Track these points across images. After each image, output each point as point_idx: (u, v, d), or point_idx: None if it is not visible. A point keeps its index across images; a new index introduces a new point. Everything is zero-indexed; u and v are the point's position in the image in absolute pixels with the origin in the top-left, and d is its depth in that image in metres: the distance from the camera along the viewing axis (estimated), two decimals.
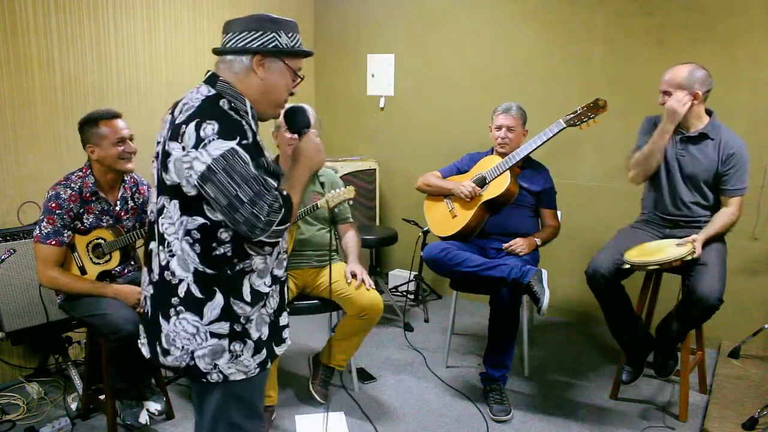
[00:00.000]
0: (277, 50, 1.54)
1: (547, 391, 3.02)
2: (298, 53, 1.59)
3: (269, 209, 1.45)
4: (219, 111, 1.48)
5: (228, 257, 1.52)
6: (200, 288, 1.53)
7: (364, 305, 2.65)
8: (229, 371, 1.57)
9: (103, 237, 2.47)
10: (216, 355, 1.56)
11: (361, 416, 2.75)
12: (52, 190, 2.40)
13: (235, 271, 1.54)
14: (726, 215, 2.62)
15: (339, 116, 4.72)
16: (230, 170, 1.42)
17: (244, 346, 1.58)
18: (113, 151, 2.41)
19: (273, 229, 1.48)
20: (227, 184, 1.42)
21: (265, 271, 1.60)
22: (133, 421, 2.52)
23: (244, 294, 1.56)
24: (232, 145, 1.42)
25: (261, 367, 1.63)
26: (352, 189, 2.72)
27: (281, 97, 1.60)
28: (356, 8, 4.51)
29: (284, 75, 1.58)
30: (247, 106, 1.55)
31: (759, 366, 3.12)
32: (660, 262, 2.50)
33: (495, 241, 3.02)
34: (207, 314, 1.54)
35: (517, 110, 3.04)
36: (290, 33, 1.56)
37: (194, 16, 3.69)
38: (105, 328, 2.30)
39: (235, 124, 1.46)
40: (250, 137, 1.47)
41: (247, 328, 1.58)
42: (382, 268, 4.60)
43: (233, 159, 1.42)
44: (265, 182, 1.46)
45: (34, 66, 2.95)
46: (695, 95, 2.58)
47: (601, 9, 3.59)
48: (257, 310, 1.59)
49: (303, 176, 1.62)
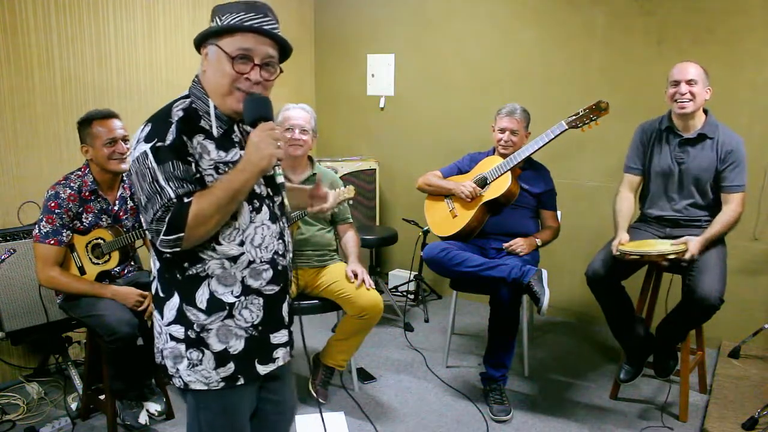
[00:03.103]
0: (207, 33, 1.43)
1: (547, 391, 3.02)
2: (225, 30, 1.40)
3: (153, 216, 1.37)
4: (163, 113, 1.43)
5: (176, 261, 1.45)
6: (162, 287, 1.51)
7: (364, 305, 2.65)
8: (188, 379, 1.50)
9: (102, 237, 2.47)
10: (177, 360, 1.50)
11: (361, 416, 2.75)
12: (52, 190, 2.40)
13: (187, 275, 1.46)
14: (726, 215, 2.61)
15: (339, 116, 4.72)
16: (138, 172, 1.38)
17: (203, 356, 1.49)
18: (104, 152, 2.40)
19: (161, 239, 1.37)
20: (137, 185, 1.40)
21: (229, 279, 1.47)
22: (133, 422, 2.52)
23: (197, 300, 1.47)
24: (146, 148, 1.37)
25: (226, 382, 1.51)
26: (351, 189, 2.71)
27: (222, 83, 1.42)
28: (356, 8, 4.51)
29: (220, 60, 1.41)
30: (210, 106, 1.46)
31: (759, 366, 3.12)
32: (645, 254, 2.51)
33: (495, 241, 3.02)
34: (166, 314, 1.50)
35: (521, 113, 3.04)
36: (225, 15, 1.41)
37: (194, 16, 3.70)
38: (101, 330, 2.30)
39: (163, 126, 1.39)
40: (169, 139, 1.37)
41: (203, 338, 1.48)
42: (382, 268, 4.60)
43: (143, 161, 1.37)
44: (159, 188, 1.36)
45: (34, 66, 2.95)
46: (708, 89, 2.61)
47: (600, 9, 3.59)
48: (216, 321, 1.48)
49: (234, 178, 1.40)
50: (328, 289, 2.74)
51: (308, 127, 2.76)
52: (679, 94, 2.60)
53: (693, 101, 2.59)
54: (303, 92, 4.69)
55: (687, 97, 2.59)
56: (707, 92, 2.62)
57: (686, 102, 2.60)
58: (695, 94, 2.58)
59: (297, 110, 2.77)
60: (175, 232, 1.36)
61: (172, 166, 1.36)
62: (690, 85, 2.59)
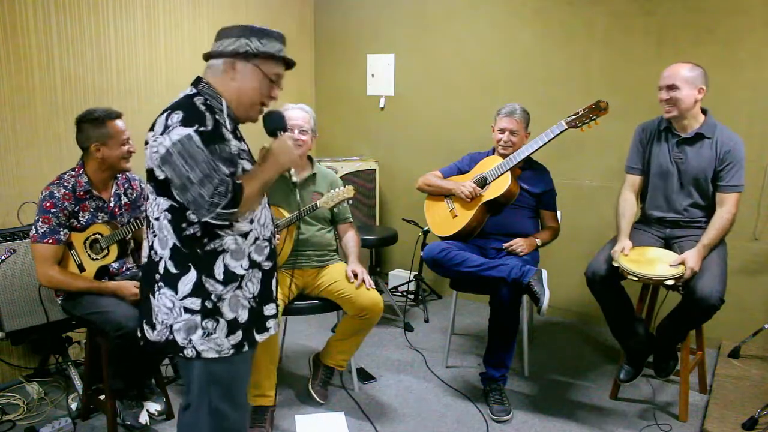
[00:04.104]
0: (246, 53, 1.66)
1: (547, 391, 3.02)
2: (267, 55, 1.68)
3: (214, 191, 1.55)
4: (188, 103, 1.63)
5: (198, 237, 1.64)
6: (175, 264, 1.66)
7: (364, 305, 2.65)
8: (201, 347, 1.67)
9: (100, 232, 2.47)
10: (190, 331, 1.66)
11: (361, 416, 2.75)
12: (46, 190, 2.40)
13: (206, 251, 1.65)
14: (721, 218, 2.58)
15: (339, 116, 4.73)
16: (184, 153, 1.55)
17: (217, 325, 1.67)
18: (119, 151, 2.43)
19: (218, 212, 1.57)
20: (181, 165, 1.55)
21: (240, 253, 1.69)
22: (133, 422, 2.52)
23: (215, 273, 1.66)
24: (190, 131, 1.56)
25: (236, 349, 1.71)
26: (351, 188, 2.72)
27: (254, 98, 1.71)
28: (356, 8, 4.51)
29: (255, 77, 1.68)
30: (223, 105, 1.68)
31: (759, 366, 3.12)
32: (643, 277, 2.50)
33: (495, 241, 3.02)
34: (181, 289, 1.65)
35: (521, 113, 3.04)
36: (263, 39, 1.67)
37: (194, 17, 3.70)
38: (107, 326, 2.29)
39: (198, 114, 1.60)
40: (210, 125, 1.60)
41: (219, 307, 1.67)
42: (382, 268, 4.60)
43: (188, 143, 1.55)
44: (216, 167, 1.57)
45: (34, 66, 2.95)
46: (699, 90, 2.58)
47: (601, 9, 3.59)
48: (231, 291, 1.68)
49: (266, 171, 1.72)
50: (328, 289, 2.74)
51: (308, 127, 2.77)
52: (662, 100, 2.63)
53: (675, 106, 2.59)
54: (303, 92, 4.70)
55: (669, 102, 2.60)
56: (699, 93, 2.59)
57: (668, 107, 2.61)
58: (677, 99, 2.58)
59: (296, 110, 2.77)
60: (233, 207, 1.59)
61: (219, 148, 1.60)
62: (671, 90, 2.59)
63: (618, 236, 2.73)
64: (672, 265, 2.52)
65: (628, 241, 2.67)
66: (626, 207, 2.78)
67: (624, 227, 2.74)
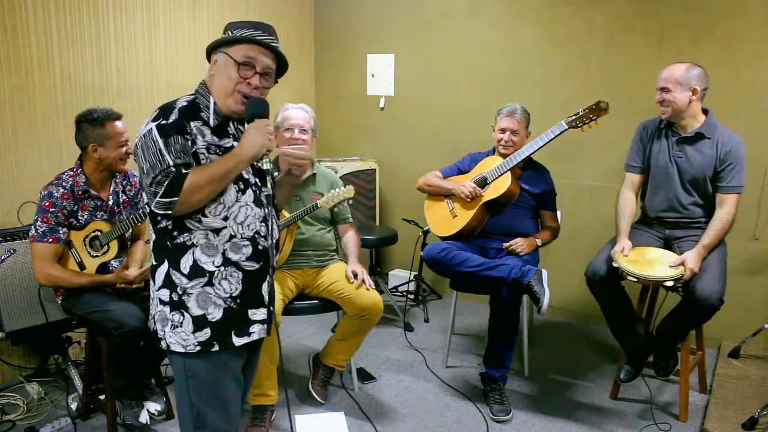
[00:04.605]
0: (218, 44, 1.67)
1: (547, 391, 3.02)
2: (234, 40, 1.65)
3: (153, 179, 1.58)
4: (169, 103, 1.67)
5: (169, 229, 1.66)
6: (155, 255, 1.71)
7: (364, 305, 2.65)
8: (170, 340, 1.69)
9: (100, 229, 2.47)
10: (164, 322, 1.69)
11: (361, 416, 2.75)
12: (45, 190, 2.40)
13: (176, 243, 1.66)
14: (720, 219, 2.58)
15: (339, 116, 4.72)
16: (143, 145, 1.60)
17: (183, 319, 1.67)
18: (116, 153, 2.43)
19: (157, 200, 1.58)
20: (141, 157, 1.61)
21: (212, 249, 1.67)
22: (133, 421, 2.52)
23: (182, 266, 1.66)
24: (152, 125, 1.60)
25: (202, 347, 1.67)
26: (351, 188, 2.72)
27: (227, 87, 1.66)
28: (356, 8, 4.51)
29: (227, 64, 1.66)
30: (210, 102, 1.69)
31: (759, 366, 3.12)
32: (642, 278, 2.50)
33: (495, 241, 3.02)
34: (156, 279, 1.70)
35: (522, 113, 3.04)
36: (237, 29, 1.66)
37: (194, 16, 3.70)
38: (108, 324, 2.29)
39: (166, 109, 1.64)
40: (172, 119, 1.61)
41: (185, 300, 1.67)
42: (382, 268, 4.60)
43: (148, 136, 1.60)
44: (161, 157, 1.58)
45: (34, 66, 2.95)
46: (693, 90, 2.59)
47: (601, 9, 3.59)
48: (197, 286, 1.66)
49: (223, 161, 1.63)
50: (328, 289, 2.74)
51: (307, 126, 2.77)
52: (657, 101, 2.65)
53: (670, 107, 2.62)
54: (303, 92, 4.69)
55: (663, 104, 2.64)
56: (694, 93, 2.59)
57: (663, 108, 2.65)
58: (670, 101, 2.60)
59: (296, 110, 2.77)
60: (171, 196, 1.57)
61: (173, 140, 1.59)
62: (663, 92, 2.62)
63: (618, 236, 2.73)
64: (672, 266, 2.52)
65: (628, 241, 2.67)
66: (626, 206, 2.78)
67: (624, 227, 2.74)
